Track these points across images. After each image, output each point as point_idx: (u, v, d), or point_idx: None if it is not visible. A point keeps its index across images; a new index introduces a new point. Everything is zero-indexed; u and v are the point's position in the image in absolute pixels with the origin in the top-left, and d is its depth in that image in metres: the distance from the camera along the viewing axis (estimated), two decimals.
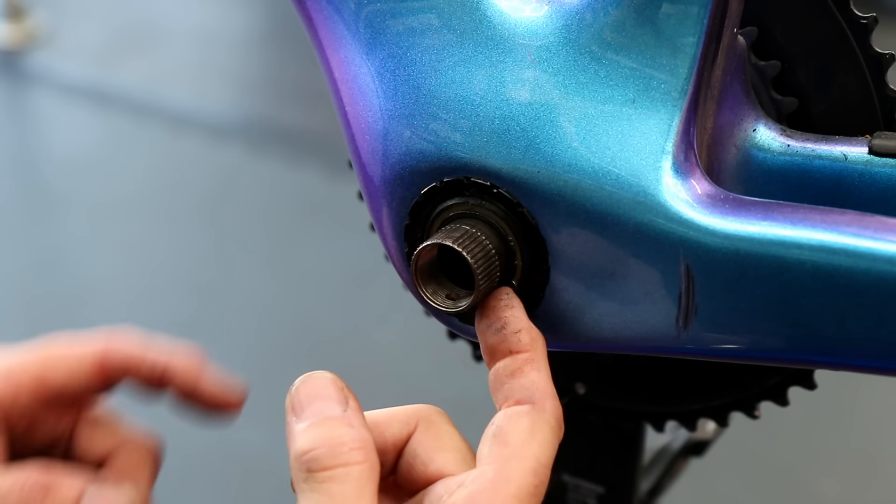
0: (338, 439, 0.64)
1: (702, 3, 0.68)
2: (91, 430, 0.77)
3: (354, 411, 0.66)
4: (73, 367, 0.75)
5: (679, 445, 1.10)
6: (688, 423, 0.92)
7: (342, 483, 0.63)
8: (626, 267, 0.70)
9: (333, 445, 0.64)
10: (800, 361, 0.72)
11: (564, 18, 0.71)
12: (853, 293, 0.66)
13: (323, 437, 0.64)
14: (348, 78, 0.75)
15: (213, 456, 2.21)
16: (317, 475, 0.63)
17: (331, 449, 0.64)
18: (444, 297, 0.72)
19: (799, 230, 0.67)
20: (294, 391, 0.67)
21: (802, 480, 2.20)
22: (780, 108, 0.79)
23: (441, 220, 0.73)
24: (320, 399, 0.66)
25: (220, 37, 3.87)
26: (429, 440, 0.68)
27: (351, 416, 0.65)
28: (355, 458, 0.63)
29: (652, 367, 0.90)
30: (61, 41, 3.70)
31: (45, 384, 0.75)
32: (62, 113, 3.39)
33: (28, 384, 0.74)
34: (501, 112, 0.71)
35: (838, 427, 2.32)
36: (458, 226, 0.71)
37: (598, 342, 0.73)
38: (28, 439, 0.76)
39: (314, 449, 0.64)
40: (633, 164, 0.69)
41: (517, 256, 0.72)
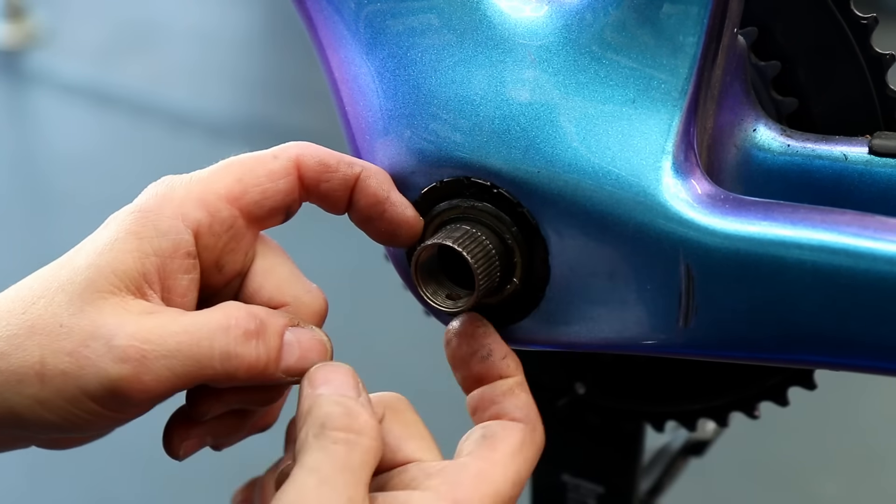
0: (355, 410, 0.65)
1: (702, 3, 0.68)
2: (263, 278, 0.72)
3: (366, 401, 0.67)
4: (272, 170, 0.70)
5: (679, 445, 1.10)
6: (687, 423, 0.92)
7: (351, 450, 0.63)
8: (626, 267, 0.70)
9: (350, 413, 0.65)
10: (800, 361, 0.72)
11: (564, 18, 0.71)
12: (853, 293, 0.66)
13: (341, 403, 0.65)
14: (348, 78, 0.75)
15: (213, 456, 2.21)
16: (330, 433, 0.64)
17: (348, 415, 0.64)
18: (444, 297, 0.72)
19: (799, 230, 0.67)
20: (313, 370, 0.68)
21: (802, 480, 2.20)
22: (780, 108, 0.79)
23: (441, 220, 0.73)
24: (338, 381, 0.67)
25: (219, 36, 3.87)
26: (398, 428, 0.70)
27: (364, 402, 0.66)
28: (368, 432, 0.64)
29: (652, 367, 0.90)
30: (61, 41, 3.70)
31: (244, 192, 0.69)
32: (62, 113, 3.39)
33: (227, 194, 0.69)
34: (501, 112, 0.71)
35: (838, 427, 2.32)
36: (458, 226, 0.71)
37: (598, 342, 0.73)
38: (210, 278, 0.71)
39: (332, 409, 0.65)
40: (634, 164, 0.69)
41: (517, 256, 0.72)
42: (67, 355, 0.65)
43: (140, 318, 0.66)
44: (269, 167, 0.70)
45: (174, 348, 0.65)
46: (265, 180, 0.69)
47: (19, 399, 0.66)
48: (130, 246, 0.67)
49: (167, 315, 0.66)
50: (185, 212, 0.68)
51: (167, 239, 0.68)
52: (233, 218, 0.69)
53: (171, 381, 0.65)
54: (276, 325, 0.68)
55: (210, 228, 0.69)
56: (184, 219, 0.68)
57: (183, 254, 0.68)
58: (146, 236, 0.67)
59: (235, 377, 0.67)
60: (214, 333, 0.66)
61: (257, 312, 0.68)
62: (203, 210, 0.68)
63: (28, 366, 0.65)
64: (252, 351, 0.67)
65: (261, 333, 0.67)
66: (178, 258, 0.68)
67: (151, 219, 0.68)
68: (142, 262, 0.67)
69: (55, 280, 0.68)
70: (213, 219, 0.69)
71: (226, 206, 0.69)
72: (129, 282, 0.67)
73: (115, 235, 0.68)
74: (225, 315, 0.67)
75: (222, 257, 0.70)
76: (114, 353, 0.64)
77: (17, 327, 0.66)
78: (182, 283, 0.68)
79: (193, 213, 0.68)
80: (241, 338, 0.67)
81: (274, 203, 0.70)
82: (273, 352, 0.68)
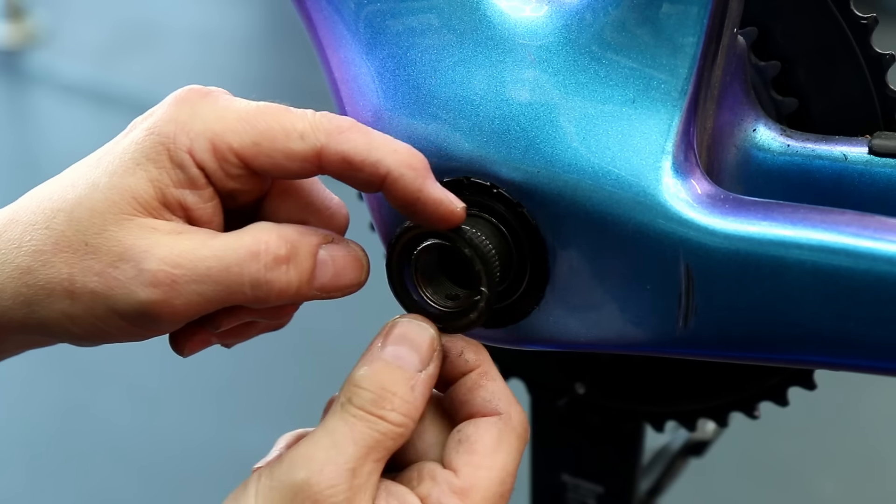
0: (390, 393, 0.65)
1: (702, 3, 0.68)
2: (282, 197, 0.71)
3: (428, 377, 0.67)
4: (292, 149, 0.67)
5: (679, 445, 1.10)
6: (687, 423, 0.92)
7: (368, 428, 0.64)
8: (625, 267, 0.70)
9: (382, 395, 0.65)
10: (800, 361, 0.72)
11: (564, 18, 0.71)
12: (853, 293, 0.66)
13: (380, 381, 0.66)
14: (348, 78, 0.75)
15: (213, 456, 2.21)
16: (351, 409, 0.65)
17: (379, 396, 0.65)
18: (444, 298, 0.72)
19: (799, 230, 0.67)
20: (398, 322, 0.68)
21: (802, 480, 2.20)
22: (780, 108, 0.79)
23: None
24: (409, 346, 0.67)
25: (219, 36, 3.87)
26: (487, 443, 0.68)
27: (420, 379, 0.66)
28: (392, 417, 0.65)
29: (652, 367, 0.90)
30: (61, 41, 3.71)
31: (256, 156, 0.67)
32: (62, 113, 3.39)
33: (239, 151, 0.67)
34: (501, 112, 0.71)
35: (838, 427, 2.32)
36: (458, 226, 0.71)
37: (598, 342, 0.73)
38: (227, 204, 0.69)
39: (364, 388, 0.65)
40: (633, 164, 0.69)
41: (517, 256, 0.72)
42: (96, 275, 0.65)
43: (170, 240, 0.66)
44: (292, 146, 0.67)
45: (204, 273, 0.65)
46: (281, 156, 0.67)
47: (48, 313, 0.67)
48: (150, 174, 0.67)
49: (197, 238, 0.66)
50: (194, 148, 0.67)
51: (183, 172, 0.67)
52: (240, 170, 0.68)
53: (200, 305, 0.66)
54: (309, 245, 0.68)
55: (216, 173, 0.67)
56: (193, 155, 0.67)
57: (201, 184, 0.67)
58: (164, 166, 0.67)
59: (267, 301, 0.67)
60: (244, 260, 0.66)
61: (288, 235, 0.67)
62: (210, 154, 0.67)
63: (56, 282, 0.66)
64: (283, 276, 0.66)
65: (292, 258, 0.67)
66: (198, 188, 0.67)
67: (166, 148, 0.67)
68: (161, 191, 0.67)
69: (73, 192, 0.67)
70: (219, 165, 0.67)
71: (234, 160, 0.67)
72: (151, 209, 0.67)
73: (135, 159, 0.67)
74: (255, 240, 0.66)
75: (234, 192, 0.69)
76: (144, 277, 0.65)
77: (41, 241, 0.67)
78: (207, 210, 0.68)
79: (201, 153, 0.67)
80: (271, 264, 0.66)
81: (285, 175, 0.69)
82: (305, 274, 0.67)
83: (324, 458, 0.64)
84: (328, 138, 0.67)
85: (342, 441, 0.64)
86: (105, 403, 2.32)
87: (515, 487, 0.67)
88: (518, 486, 1.05)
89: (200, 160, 0.67)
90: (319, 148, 0.67)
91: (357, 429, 0.64)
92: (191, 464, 2.19)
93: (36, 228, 0.67)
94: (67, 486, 2.18)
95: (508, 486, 0.67)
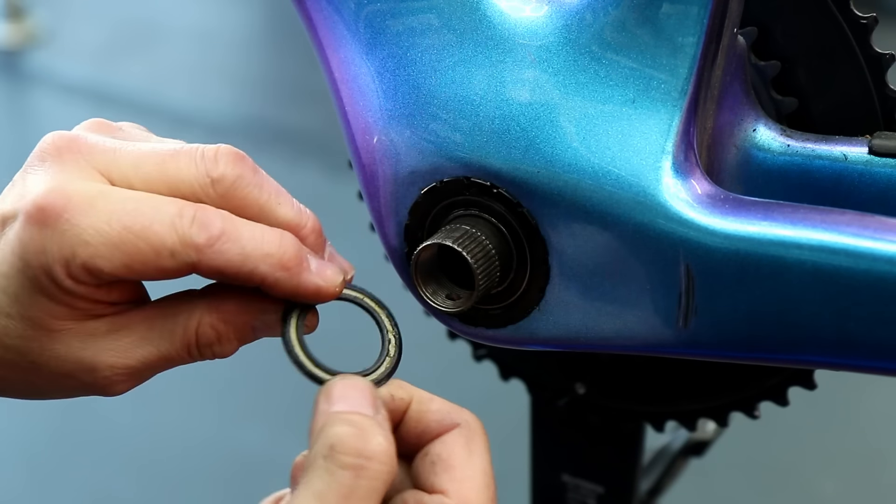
0: (369, 431, 0.62)
1: (702, 3, 0.68)
2: None
3: (384, 419, 0.64)
4: (163, 268, 0.65)
5: (679, 445, 1.10)
6: (688, 423, 0.92)
7: (359, 477, 0.61)
8: (626, 267, 0.70)
9: (363, 435, 0.62)
10: (800, 361, 0.72)
11: (564, 18, 0.71)
12: (853, 293, 0.66)
13: (355, 424, 0.62)
14: (348, 78, 0.75)
15: (213, 456, 2.21)
16: (338, 457, 0.61)
17: (360, 437, 0.62)
18: (444, 297, 0.72)
19: (799, 230, 0.67)
20: (329, 385, 0.65)
21: (802, 480, 2.20)
22: (780, 108, 0.79)
23: (441, 220, 0.73)
24: (355, 397, 0.65)
25: (219, 36, 3.86)
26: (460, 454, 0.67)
27: (381, 421, 0.64)
28: (380, 457, 0.62)
29: (652, 367, 0.90)
30: (61, 41, 3.70)
31: (130, 276, 0.65)
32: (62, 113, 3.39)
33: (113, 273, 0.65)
34: (501, 112, 0.71)
35: (838, 427, 2.32)
36: (458, 226, 0.71)
37: (598, 342, 0.73)
38: None
39: (342, 432, 0.62)
40: (633, 164, 0.69)
41: (517, 256, 0.72)
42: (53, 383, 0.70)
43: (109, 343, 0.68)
44: (163, 264, 0.65)
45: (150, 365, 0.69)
46: (154, 273, 0.65)
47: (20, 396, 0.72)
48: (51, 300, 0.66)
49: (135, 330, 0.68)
50: (73, 273, 0.65)
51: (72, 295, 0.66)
52: (120, 280, 0.66)
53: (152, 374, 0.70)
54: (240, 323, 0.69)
55: (92, 293, 0.66)
56: (74, 279, 0.65)
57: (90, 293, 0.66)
58: (54, 292, 0.66)
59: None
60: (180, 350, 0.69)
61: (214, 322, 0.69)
62: (90, 276, 0.65)
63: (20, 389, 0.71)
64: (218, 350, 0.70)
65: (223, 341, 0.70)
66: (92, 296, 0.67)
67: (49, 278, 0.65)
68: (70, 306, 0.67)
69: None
70: (97, 284, 0.66)
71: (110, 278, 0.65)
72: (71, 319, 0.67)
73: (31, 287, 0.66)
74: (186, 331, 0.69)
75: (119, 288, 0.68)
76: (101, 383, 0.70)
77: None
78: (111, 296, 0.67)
79: (81, 276, 0.65)
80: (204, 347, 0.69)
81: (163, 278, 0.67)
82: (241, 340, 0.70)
83: None
84: (199, 255, 0.65)
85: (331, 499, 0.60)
86: (105, 403, 2.32)
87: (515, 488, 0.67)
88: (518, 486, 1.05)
89: (83, 280, 0.65)
90: (192, 263, 0.65)
91: (346, 481, 0.61)
92: (191, 464, 2.19)
93: None
94: (67, 486, 2.18)
95: (493, 486, 0.66)
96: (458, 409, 0.68)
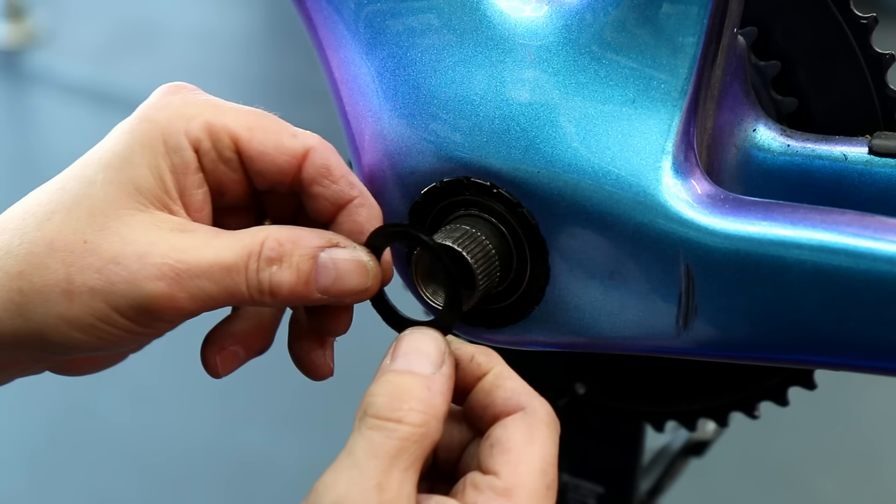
0: (404, 394, 0.64)
1: (702, 3, 0.68)
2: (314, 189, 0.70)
3: (443, 377, 0.65)
4: (282, 143, 0.68)
5: (679, 446, 1.10)
6: (687, 423, 0.92)
7: (386, 437, 0.62)
8: (626, 267, 0.70)
9: (395, 399, 0.63)
10: (800, 361, 0.72)
11: (564, 18, 0.71)
12: (853, 293, 0.66)
13: (392, 387, 0.64)
14: (348, 78, 0.75)
15: (213, 456, 2.21)
16: (368, 420, 0.63)
17: (391, 401, 0.63)
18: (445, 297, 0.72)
19: (799, 230, 0.67)
20: (399, 338, 0.67)
21: (802, 480, 2.20)
22: (780, 107, 0.79)
23: (441, 220, 0.73)
24: (417, 353, 0.66)
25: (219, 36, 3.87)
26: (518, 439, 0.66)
27: (435, 380, 0.65)
28: (411, 418, 0.63)
29: (652, 367, 0.90)
30: (61, 41, 3.70)
31: (249, 141, 0.68)
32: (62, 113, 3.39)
33: (233, 132, 0.68)
34: (501, 112, 0.71)
35: (838, 427, 2.32)
36: (458, 226, 0.71)
37: (598, 342, 0.73)
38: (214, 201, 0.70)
39: (378, 395, 0.63)
40: (633, 164, 0.69)
41: (517, 256, 0.72)
42: (96, 272, 0.65)
43: (173, 237, 0.66)
44: (283, 140, 0.69)
45: (206, 270, 0.65)
46: (272, 147, 0.68)
47: (44, 318, 0.65)
48: (148, 160, 0.67)
49: (200, 236, 0.66)
50: (190, 128, 0.67)
51: (178, 155, 0.67)
52: (231, 153, 0.68)
53: (204, 302, 0.66)
54: (307, 247, 0.67)
55: (208, 153, 0.68)
56: (187, 135, 0.67)
57: (193, 169, 0.68)
58: (160, 151, 0.67)
59: (264, 302, 0.67)
60: (241, 260, 0.66)
61: (285, 236, 0.67)
62: (206, 133, 0.67)
63: (53, 283, 0.65)
64: (274, 276, 0.67)
65: (285, 258, 0.67)
66: (190, 174, 0.67)
67: (161, 132, 0.67)
68: (161, 178, 0.67)
69: (67, 194, 0.67)
70: (213, 145, 0.68)
71: (228, 140, 0.68)
72: (154, 198, 0.67)
73: (130, 148, 0.67)
74: (252, 240, 0.67)
75: (221, 182, 0.69)
76: (148, 271, 0.64)
77: (33, 244, 0.66)
78: (197, 198, 0.68)
79: (197, 132, 0.67)
80: (263, 264, 0.66)
81: (268, 170, 0.69)
82: (303, 275, 0.67)
83: (346, 480, 0.61)
84: (317, 143, 0.69)
85: (362, 458, 0.62)
86: (105, 403, 2.32)
87: None
88: None
89: (195, 139, 0.67)
90: (309, 147, 0.68)
91: (375, 441, 0.62)
92: (191, 464, 2.19)
93: (26, 233, 0.66)
94: (67, 486, 2.18)
95: (551, 476, 0.65)
96: (532, 394, 0.67)
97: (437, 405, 0.64)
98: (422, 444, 0.63)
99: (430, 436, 0.63)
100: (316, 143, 0.69)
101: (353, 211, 0.70)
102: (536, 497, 0.64)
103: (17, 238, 0.66)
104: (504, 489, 0.63)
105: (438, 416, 0.64)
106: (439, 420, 0.64)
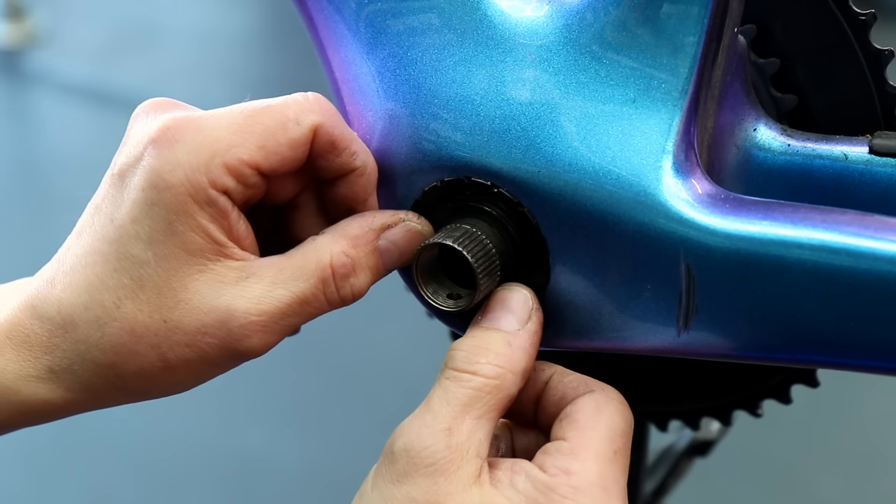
0: (482, 349, 0.68)
1: (702, 2, 0.68)
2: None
3: (528, 333, 0.69)
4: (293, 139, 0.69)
5: (683, 446, 1.10)
6: (691, 422, 0.92)
7: (460, 386, 0.66)
8: (626, 267, 0.70)
9: (473, 353, 0.67)
10: (800, 361, 0.72)
11: (565, 18, 0.71)
12: (854, 293, 0.66)
13: (474, 342, 0.68)
14: (349, 77, 0.75)
15: (212, 455, 2.21)
16: (446, 371, 0.67)
17: (469, 355, 0.67)
18: (445, 297, 0.72)
19: (799, 230, 0.67)
20: (496, 291, 0.71)
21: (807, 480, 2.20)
22: (780, 105, 0.79)
23: (441, 220, 0.73)
24: (504, 310, 0.70)
25: (219, 36, 3.87)
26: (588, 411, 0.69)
27: (518, 336, 0.69)
28: (485, 371, 0.67)
29: (654, 367, 0.89)
30: (61, 41, 3.70)
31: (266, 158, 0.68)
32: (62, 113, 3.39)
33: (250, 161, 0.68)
34: (502, 112, 0.71)
35: (839, 427, 2.32)
36: (459, 225, 0.71)
37: (598, 342, 0.73)
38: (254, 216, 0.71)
39: (459, 350, 0.68)
40: (634, 163, 0.69)
41: (517, 256, 0.72)
42: (186, 346, 0.67)
43: (241, 290, 0.67)
44: (292, 135, 0.69)
45: (287, 310, 0.68)
46: (286, 149, 0.69)
47: (149, 390, 0.69)
48: (189, 225, 0.67)
49: (266, 275, 0.68)
50: (212, 178, 0.67)
51: (213, 207, 0.67)
52: (256, 177, 0.69)
53: (291, 330, 0.69)
54: (368, 245, 0.70)
55: (236, 190, 0.68)
56: (213, 185, 0.67)
57: (230, 209, 0.68)
58: (195, 211, 0.67)
59: (347, 304, 0.70)
60: (317, 289, 0.69)
61: (346, 247, 0.69)
62: (229, 176, 0.68)
63: (149, 366, 0.68)
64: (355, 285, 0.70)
65: (357, 268, 0.70)
66: (230, 214, 0.68)
67: (189, 194, 0.67)
68: (207, 234, 0.68)
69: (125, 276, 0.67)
70: (237, 182, 0.68)
71: (249, 170, 0.68)
72: (208, 253, 0.67)
73: (166, 220, 0.67)
74: (319, 264, 0.69)
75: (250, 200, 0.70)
76: (236, 333, 0.67)
77: (115, 336, 0.67)
78: (241, 229, 0.69)
79: (221, 179, 0.67)
80: (341, 282, 0.69)
81: (288, 169, 0.70)
82: (375, 270, 0.71)
83: (419, 423, 0.66)
84: (321, 117, 0.70)
85: (436, 405, 0.66)
86: None
87: None
88: None
89: (222, 186, 0.67)
90: (315, 126, 0.69)
91: (450, 390, 0.66)
92: (191, 464, 2.19)
93: (101, 324, 0.67)
94: (67, 486, 2.18)
95: (620, 444, 0.67)
96: (597, 381, 0.70)
97: (517, 360, 0.68)
98: (496, 396, 0.67)
99: (504, 388, 0.67)
100: (318, 120, 0.69)
101: (353, 181, 0.72)
102: (603, 459, 0.66)
103: (95, 331, 0.67)
104: (570, 449, 0.66)
105: (516, 371, 0.68)
106: (517, 374, 0.68)
